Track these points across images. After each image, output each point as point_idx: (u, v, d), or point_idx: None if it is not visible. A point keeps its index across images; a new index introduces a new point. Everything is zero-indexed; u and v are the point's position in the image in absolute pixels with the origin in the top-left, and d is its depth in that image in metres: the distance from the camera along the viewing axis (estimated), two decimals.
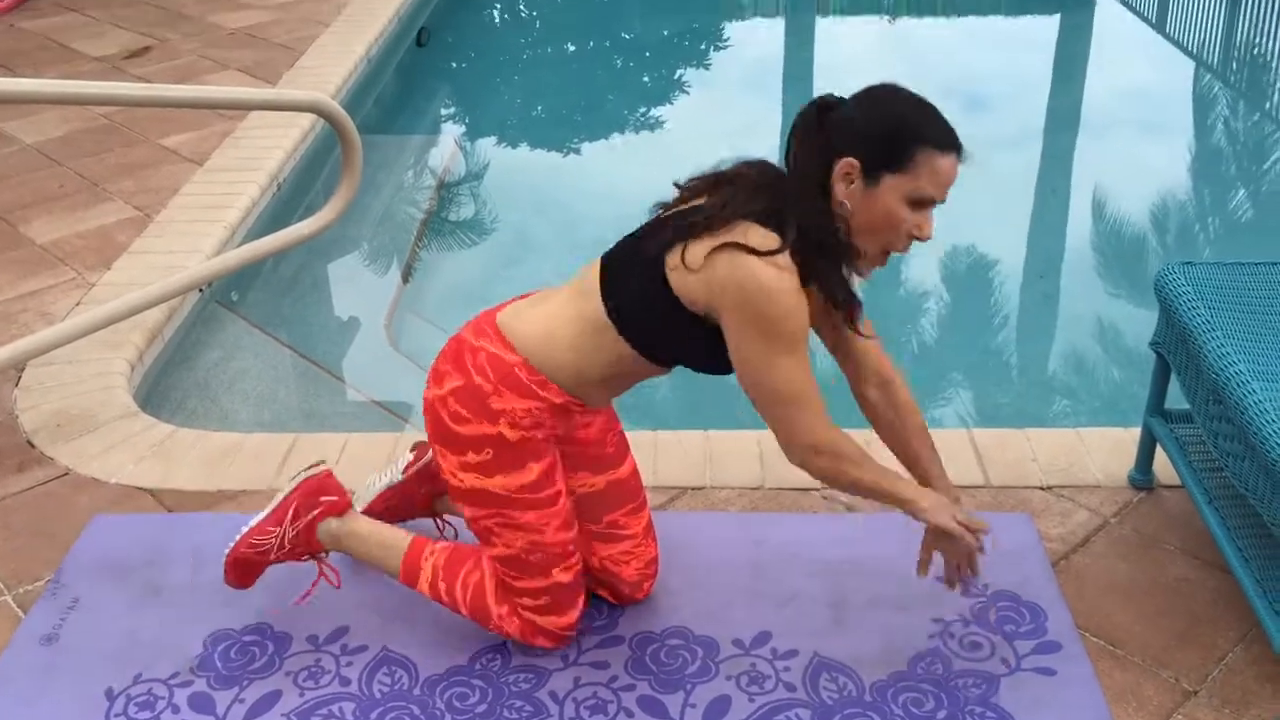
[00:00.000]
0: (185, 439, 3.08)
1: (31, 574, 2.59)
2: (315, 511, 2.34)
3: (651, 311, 2.01)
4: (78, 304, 3.73)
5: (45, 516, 2.79)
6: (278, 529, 2.32)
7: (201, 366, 3.77)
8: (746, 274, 1.89)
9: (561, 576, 2.23)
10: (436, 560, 2.30)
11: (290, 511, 2.33)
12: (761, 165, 2.04)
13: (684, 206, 2.04)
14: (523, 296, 2.23)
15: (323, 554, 2.38)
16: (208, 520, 2.75)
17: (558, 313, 2.11)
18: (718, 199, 1.98)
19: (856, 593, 2.46)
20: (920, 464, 2.26)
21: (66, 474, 2.95)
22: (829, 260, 1.95)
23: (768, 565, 2.54)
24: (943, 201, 1.93)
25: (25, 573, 2.60)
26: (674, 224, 2.00)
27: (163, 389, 3.58)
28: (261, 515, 2.35)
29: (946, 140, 1.91)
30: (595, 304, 2.05)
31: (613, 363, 2.09)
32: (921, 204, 1.92)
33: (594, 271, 2.09)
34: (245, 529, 2.34)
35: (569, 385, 2.10)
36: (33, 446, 3.05)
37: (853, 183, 1.92)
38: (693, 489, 2.82)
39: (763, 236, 1.92)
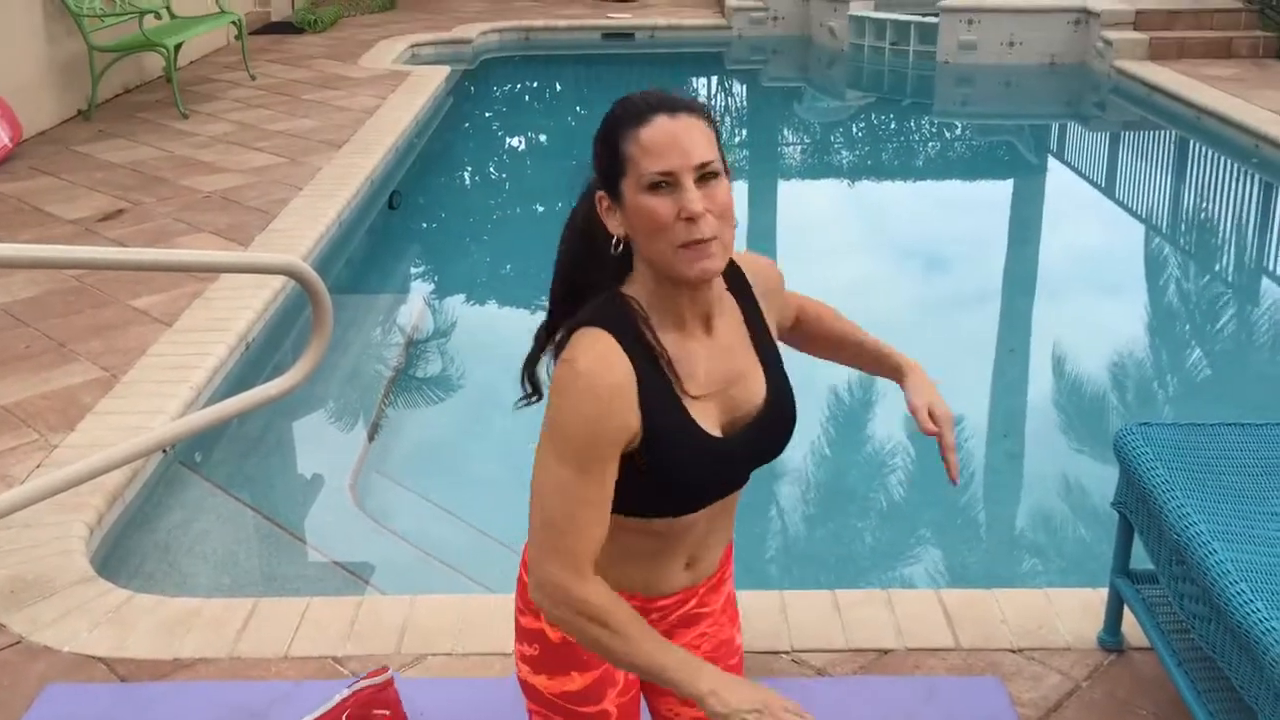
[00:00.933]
0: (142, 605, 3.02)
1: None
2: None
3: None
4: (38, 466, 3.70)
5: None
6: None
7: (162, 529, 3.72)
8: (555, 377, 1.71)
9: None
10: None
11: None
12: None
13: None
14: None
15: None
16: (161, 691, 2.67)
17: None
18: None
19: None
20: (865, 347, 2.11)
21: (19, 641, 2.87)
22: (624, 312, 1.74)
23: None
24: (687, 167, 1.66)
25: None
26: None
27: (122, 552, 3.52)
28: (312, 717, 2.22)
29: (641, 112, 1.70)
30: None
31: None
32: (660, 186, 1.67)
33: None
34: None
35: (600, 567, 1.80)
36: None
37: (613, 213, 1.74)
38: None
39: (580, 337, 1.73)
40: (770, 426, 1.83)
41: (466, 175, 9.15)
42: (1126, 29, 10.44)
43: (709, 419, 1.77)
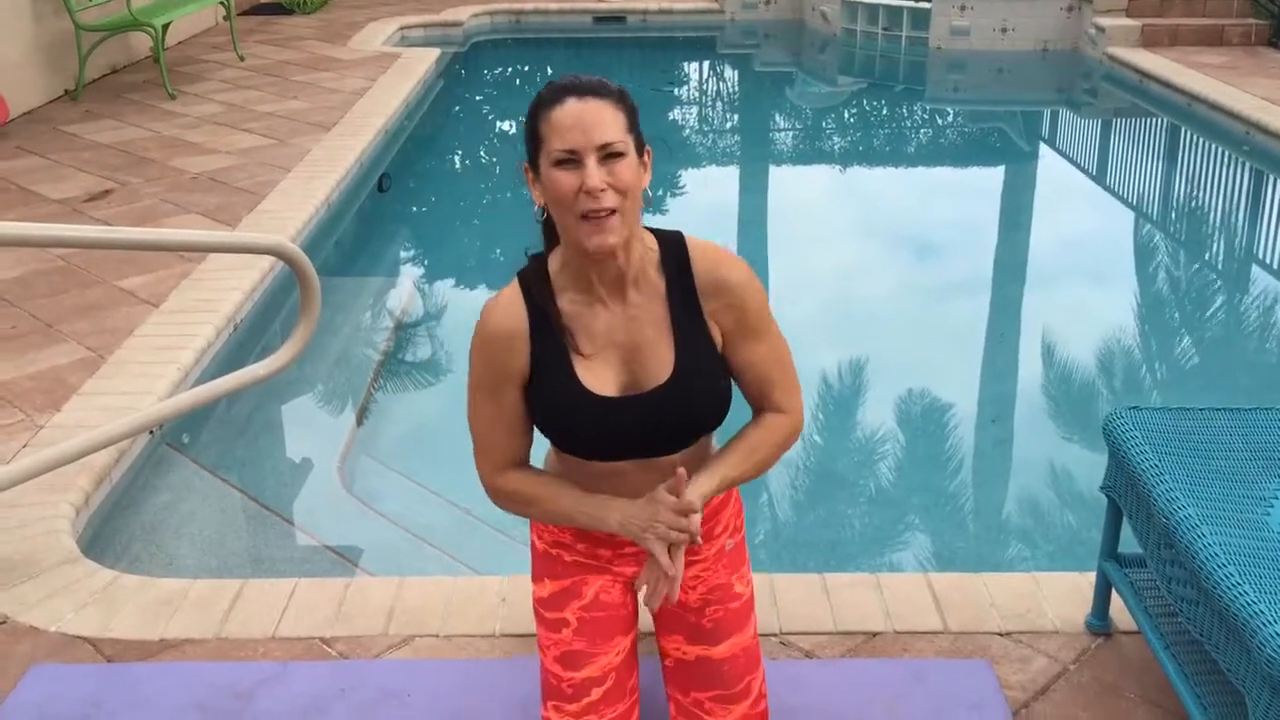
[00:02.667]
0: (129, 585, 3.01)
1: None
2: None
3: None
4: (24, 446, 3.67)
5: None
6: None
7: (149, 510, 3.70)
8: None
9: (552, 715, 2.16)
10: None
11: None
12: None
13: None
14: None
15: None
16: (148, 671, 2.66)
17: None
18: None
19: None
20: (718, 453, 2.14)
21: (4, 622, 2.86)
22: (536, 271, 2.04)
23: None
24: (590, 146, 1.87)
25: None
26: None
27: (108, 533, 3.50)
28: None
29: (555, 95, 1.92)
30: None
31: (554, 460, 2.20)
32: (567, 162, 1.89)
33: None
34: None
35: None
36: None
37: (535, 184, 1.98)
38: (644, 634, 2.77)
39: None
40: (666, 401, 2.02)
41: (456, 158, 9.11)
42: (1119, 15, 10.43)
43: (599, 378, 2.01)
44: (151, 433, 3.89)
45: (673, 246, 2.05)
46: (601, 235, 1.90)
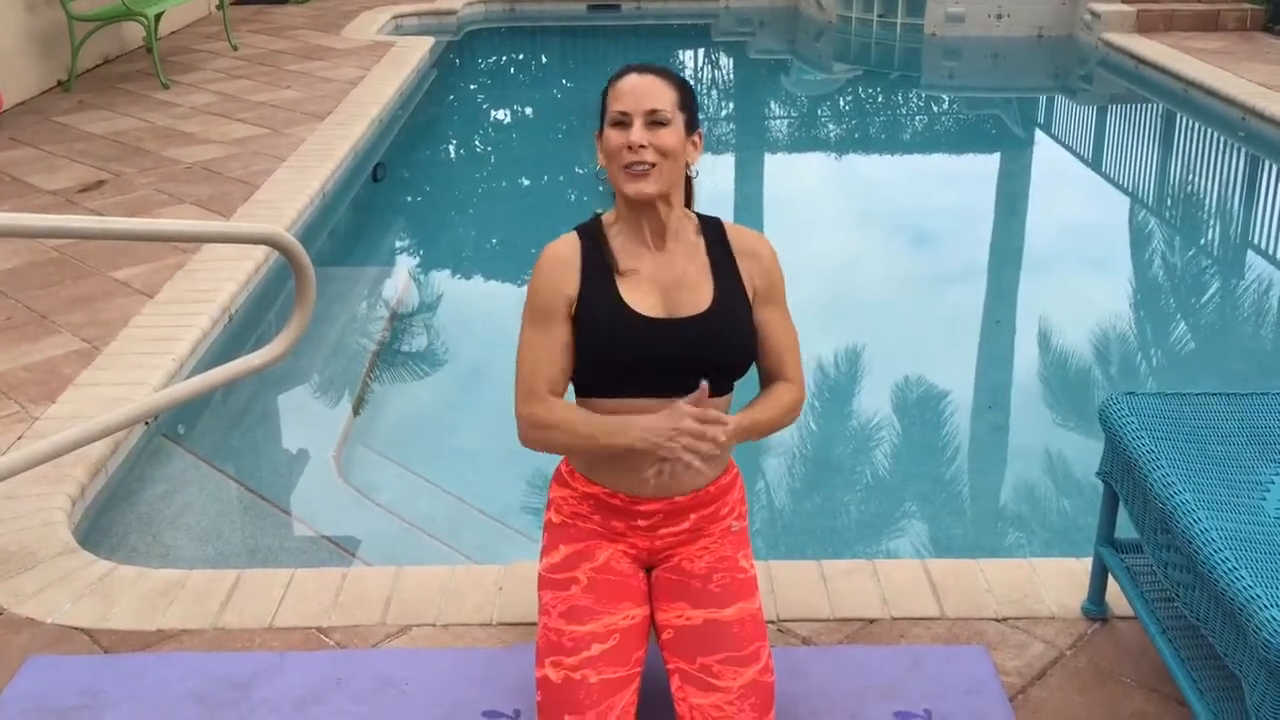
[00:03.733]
0: (125, 576, 3.00)
1: None
2: None
3: None
4: (20, 438, 3.67)
5: None
6: None
7: (145, 501, 3.70)
8: None
9: (550, 672, 2.18)
10: None
11: None
12: None
13: None
14: None
15: None
16: (145, 662, 2.66)
17: None
18: None
19: None
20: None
21: (1, 613, 2.85)
22: (592, 224, 2.35)
23: None
24: (639, 110, 2.21)
25: None
26: None
27: (104, 524, 3.50)
28: None
29: (620, 71, 2.29)
30: None
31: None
32: (622, 123, 2.23)
33: None
34: None
35: (583, 468, 2.36)
36: None
37: (599, 146, 2.30)
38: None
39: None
40: (703, 329, 2.26)
41: (451, 147, 9.09)
42: (1114, 1, 10.41)
43: (642, 302, 2.26)
44: (147, 424, 3.88)
45: (710, 222, 2.40)
46: (638, 183, 2.23)
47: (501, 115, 10.33)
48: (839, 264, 6.30)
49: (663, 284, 2.29)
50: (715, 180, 8.24)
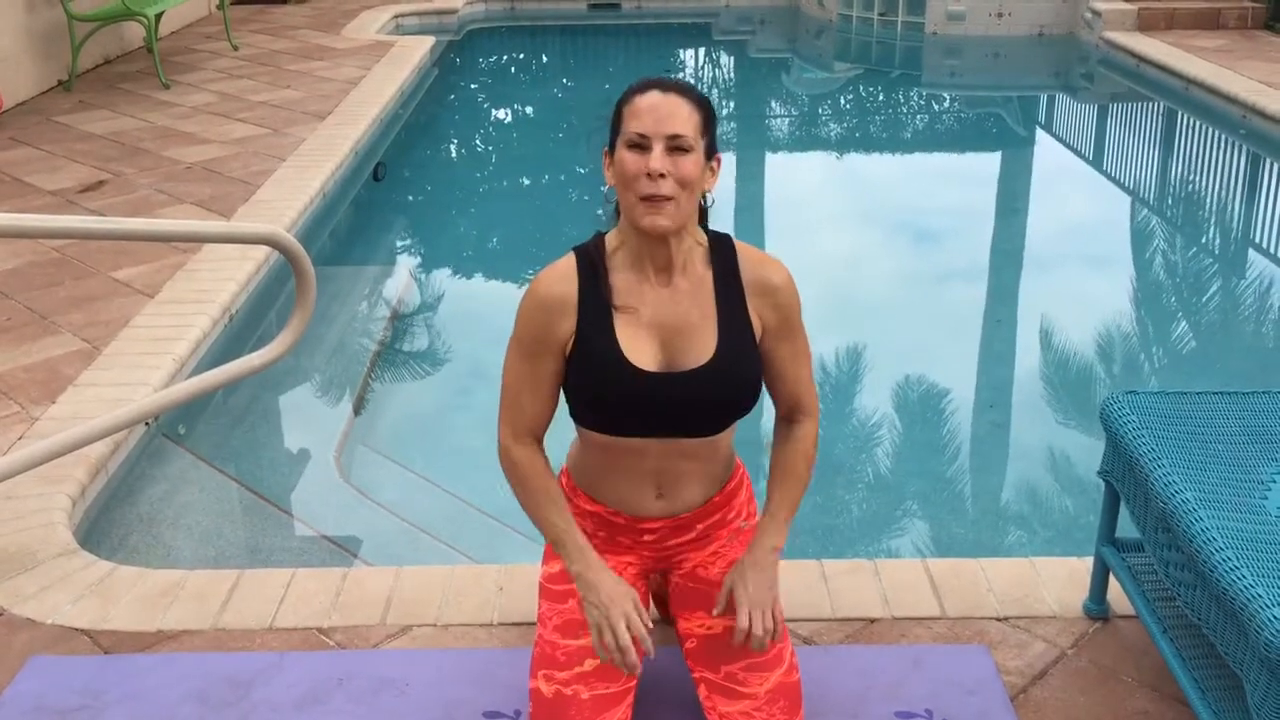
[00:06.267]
0: (125, 577, 3.00)
1: None
2: None
3: None
4: (20, 438, 3.66)
5: None
6: None
7: (145, 501, 3.69)
8: None
9: (542, 685, 2.17)
10: None
11: None
12: None
13: None
14: None
15: None
16: (145, 663, 2.66)
17: None
18: None
19: None
20: (768, 499, 2.31)
21: (1, 614, 2.85)
22: (593, 249, 2.16)
23: None
24: (660, 134, 2.03)
25: None
26: None
27: (104, 525, 3.50)
28: None
29: (640, 86, 2.09)
30: None
31: (578, 447, 2.30)
32: (640, 146, 2.04)
33: None
34: None
35: (584, 484, 2.31)
36: None
37: (608, 165, 2.13)
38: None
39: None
40: (704, 382, 2.12)
41: (452, 147, 9.09)
42: (1115, 0, 10.40)
43: (640, 353, 2.12)
44: (148, 424, 3.88)
45: (721, 245, 2.20)
46: (655, 217, 2.04)
47: (502, 114, 10.32)
48: (840, 263, 6.29)
49: (664, 329, 2.14)
50: (720, 182, 8.24)
